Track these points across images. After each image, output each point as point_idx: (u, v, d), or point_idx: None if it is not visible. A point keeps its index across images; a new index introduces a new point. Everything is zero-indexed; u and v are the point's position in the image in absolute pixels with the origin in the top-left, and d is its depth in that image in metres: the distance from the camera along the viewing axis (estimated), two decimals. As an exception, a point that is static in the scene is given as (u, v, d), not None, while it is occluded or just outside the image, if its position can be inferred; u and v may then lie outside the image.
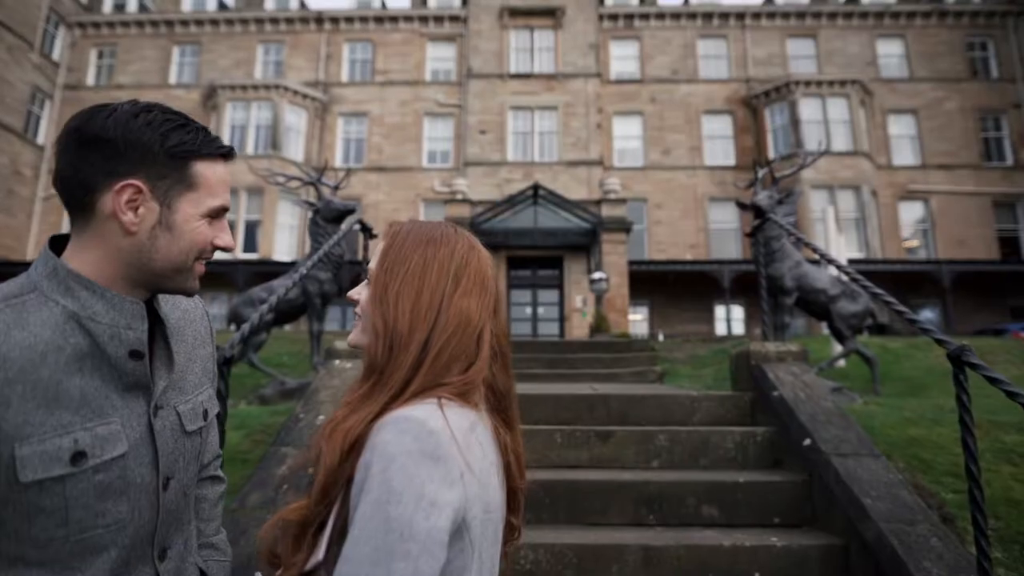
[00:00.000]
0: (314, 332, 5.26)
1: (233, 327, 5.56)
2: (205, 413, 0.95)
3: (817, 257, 6.71)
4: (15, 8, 20.64)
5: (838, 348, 6.22)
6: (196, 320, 1.00)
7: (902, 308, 2.45)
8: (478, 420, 0.75)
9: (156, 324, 0.89)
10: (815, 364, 4.97)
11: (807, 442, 2.99)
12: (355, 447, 0.68)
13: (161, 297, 0.91)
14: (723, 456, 3.22)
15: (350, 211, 5.11)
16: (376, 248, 0.84)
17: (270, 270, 16.15)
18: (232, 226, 19.58)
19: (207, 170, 0.85)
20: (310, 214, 5.26)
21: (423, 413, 0.67)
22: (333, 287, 5.17)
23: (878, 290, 2.58)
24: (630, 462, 3.21)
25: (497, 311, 0.83)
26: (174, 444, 0.87)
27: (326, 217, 5.16)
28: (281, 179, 5.30)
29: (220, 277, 17.88)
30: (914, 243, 20.44)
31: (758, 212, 4.63)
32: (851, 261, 15.25)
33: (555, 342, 9.32)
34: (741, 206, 5.08)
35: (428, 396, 0.71)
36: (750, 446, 3.26)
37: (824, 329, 17.23)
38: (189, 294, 0.91)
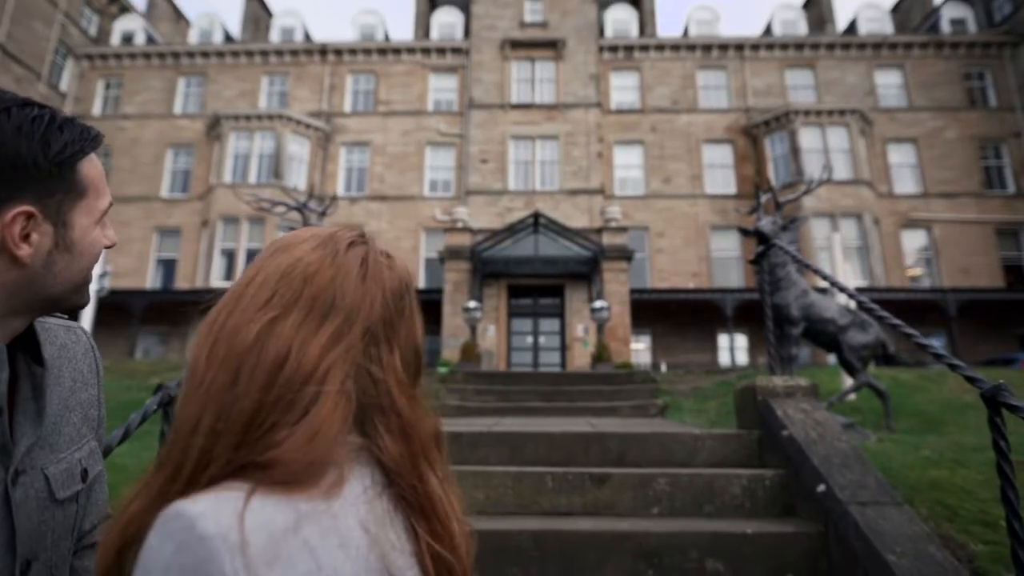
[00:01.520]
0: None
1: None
2: (84, 473, 0.76)
3: (823, 285, 6.46)
4: (25, 40, 21.02)
5: (847, 381, 5.96)
6: (77, 357, 0.81)
7: (925, 342, 2.24)
8: (322, 513, 0.49)
9: (21, 365, 0.71)
10: (824, 398, 4.71)
11: (821, 488, 2.73)
12: (134, 543, 0.47)
13: (40, 330, 0.73)
14: (729, 503, 2.96)
15: (336, 237, 4.88)
16: None
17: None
18: (233, 255, 19.51)
19: (91, 169, 0.71)
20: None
21: (203, 508, 0.45)
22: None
23: (896, 321, 2.36)
24: (628, 509, 2.95)
25: (382, 344, 0.56)
26: (39, 517, 0.68)
27: (311, 244, 4.94)
28: (267, 205, 5.15)
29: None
30: (917, 272, 20.24)
31: (762, 238, 4.44)
32: (856, 290, 15.02)
33: (554, 374, 9.04)
34: (744, 232, 4.89)
35: (239, 479, 0.48)
36: (759, 491, 3.00)
37: (831, 360, 16.88)
38: (82, 307, 0.76)
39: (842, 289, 2.74)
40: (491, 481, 2.99)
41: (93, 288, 6.42)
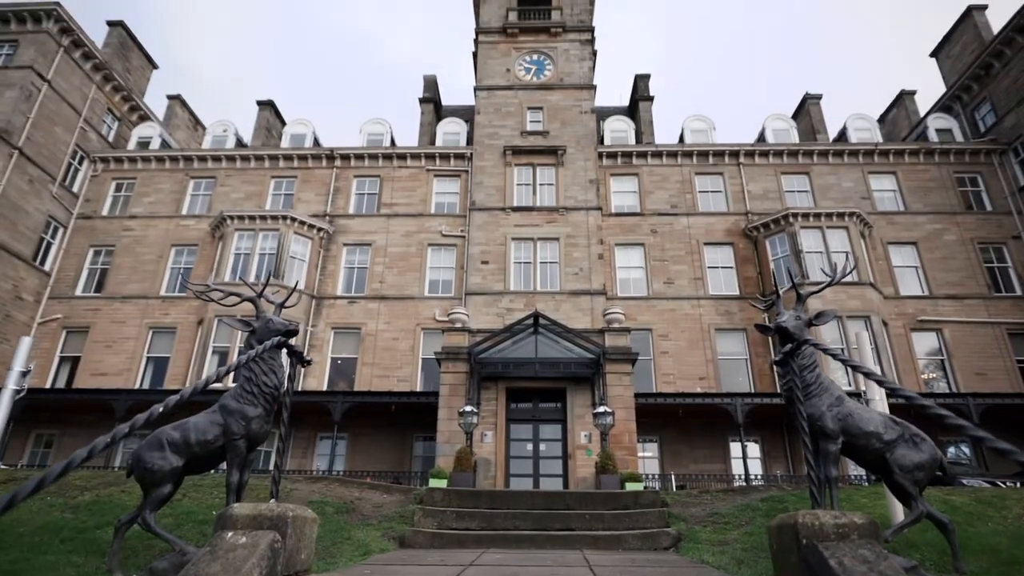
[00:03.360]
0: (232, 484, 4.15)
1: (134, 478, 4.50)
2: None
3: (858, 391, 5.65)
4: (44, 144, 21.80)
5: (894, 503, 5.07)
6: None
7: (1009, 447, 1.57)
8: None
9: None
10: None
11: None
12: None
13: None
14: None
15: (292, 332, 4.30)
16: None
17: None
18: (227, 354, 18.89)
19: None
20: (245, 335, 4.47)
21: None
22: (264, 426, 4.22)
23: (984, 433, 1.69)
24: None
25: None
26: None
27: (263, 339, 4.35)
28: (217, 294, 4.65)
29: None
30: (933, 376, 19.38)
31: (785, 336, 3.81)
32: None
33: (548, 493, 7.97)
34: (763, 330, 4.25)
35: None
36: None
37: (852, 469, 15.56)
38: None
39: (908, 398, 2.09)
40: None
41: (11, 386, 5.56)
